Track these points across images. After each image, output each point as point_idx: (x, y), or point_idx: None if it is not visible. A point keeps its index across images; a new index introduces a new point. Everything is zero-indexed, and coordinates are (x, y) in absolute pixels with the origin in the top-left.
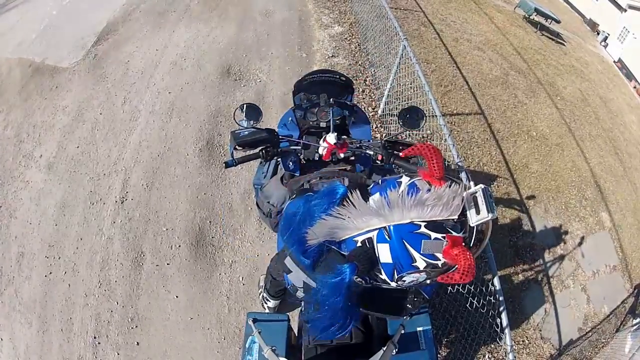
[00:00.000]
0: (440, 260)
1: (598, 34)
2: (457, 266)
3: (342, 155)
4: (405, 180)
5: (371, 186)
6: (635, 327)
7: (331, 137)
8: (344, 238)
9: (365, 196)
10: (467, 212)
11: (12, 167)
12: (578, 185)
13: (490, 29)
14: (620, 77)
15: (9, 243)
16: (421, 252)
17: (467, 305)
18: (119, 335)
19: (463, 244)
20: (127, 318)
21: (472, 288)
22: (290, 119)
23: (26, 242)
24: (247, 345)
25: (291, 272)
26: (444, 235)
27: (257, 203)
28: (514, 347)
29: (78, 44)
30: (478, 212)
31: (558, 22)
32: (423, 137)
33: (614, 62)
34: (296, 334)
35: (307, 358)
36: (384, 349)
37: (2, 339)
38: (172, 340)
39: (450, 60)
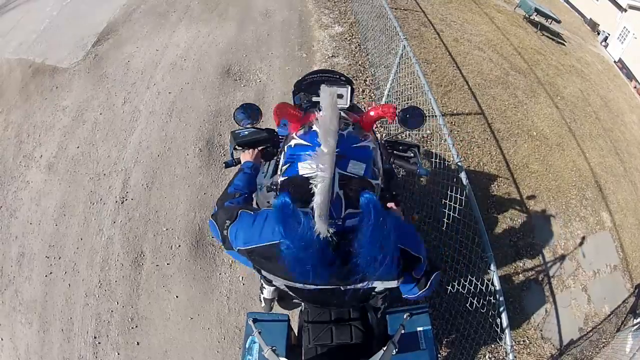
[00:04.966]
0: (369, 135)
1: (598, 34)
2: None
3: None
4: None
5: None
6: (636, 327)
7: None
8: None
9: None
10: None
11: (13, 167)
12: (578, 185)
13: (491, 29)
14: (621, 77)
15: (9, 243)
16: (361, 138)
17: (467, 305)
18: (119, 335)
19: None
20: (128, 318)
21: (472, 288)
22: None
23: (26, 242)
24: (247, 345)
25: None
26: (352, 124)
27: (257, 203)
28: (514, 347)
29: (78, 45)
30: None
31: (558, 22)
32: (423, 137)
33: (615, 62)
34: (296, 334)
35: (307, 358)
36: (384, 349)
37: (2, 339)
38: (172, 340)
39: (450, 60)
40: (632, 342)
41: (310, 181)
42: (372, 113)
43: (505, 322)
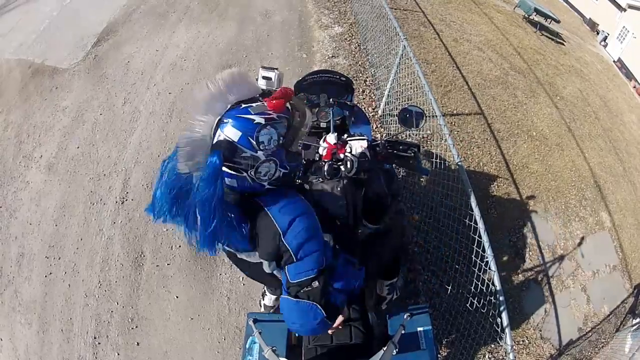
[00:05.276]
0: (272, 114)
1: (598, 33)
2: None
3: (342, 155)
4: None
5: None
6: (635, 327)
7: (331, 137)
8: (202, 155)
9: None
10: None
11: (12, 167)
12: (578, 185)
13: (490, 29)
14: (620, 77)
15: (9, 243)
16: (253, 114)
17: (467, 305)
18: (119, 336)
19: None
20: (128, 318)
21: (472, 288)
22: None
23: (26, 242)
24: (247, 346)
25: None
26: (262, 100)
27: None
28: (514, 347)
29: (78, 45)
30: (270, 79)
31: (558, 21)
32: (423, 137)
33: (614, 61)
34: (296, 335)
35: (307, 358)
36: (385, 349)
37: (2, 339)
38: (172, 341)
39: (450, 60)
40: (631, 342)
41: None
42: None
43: (505, 322)
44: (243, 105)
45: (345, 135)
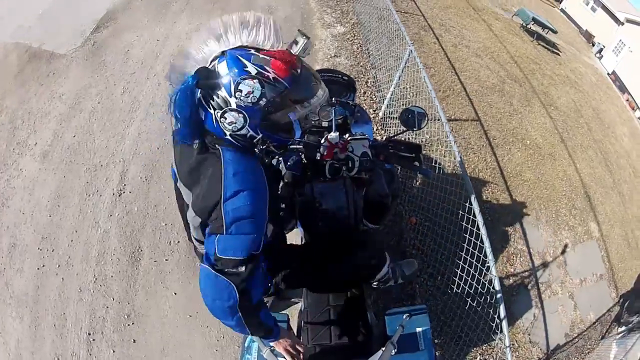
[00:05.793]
0: (270, 72)
1: (593, 45)
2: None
3: (343, 155)
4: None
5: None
6: (620, 335)
7: (333, 137)
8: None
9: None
10: (292, 48)
11: (6, 154)
12: (568, 194)
13: (488, 36)
14: (614, 90)
15: (0, 233)
16: (252, 61)
17: (464, 307)
18: (115, 332)
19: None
20: (124, 315)
21: (471, 291)
22: None
23: (18, 232)
24: (246, 345)
25: None
26: (270, 56)
27: None
28: (511, 346)
29: (77, 31)
30: (296, 44)
31: (555, 32)
32: (421, 141)
33: (608, 74)
34: (295, 334)
35: (306, 358)
36: (383, 349)
37: None
38: (170, 338)
39: (449, 65)
40: (616, 350)
41: None
42: None
43: (505, 324)
44: (252, 51)
45: (347, 135)
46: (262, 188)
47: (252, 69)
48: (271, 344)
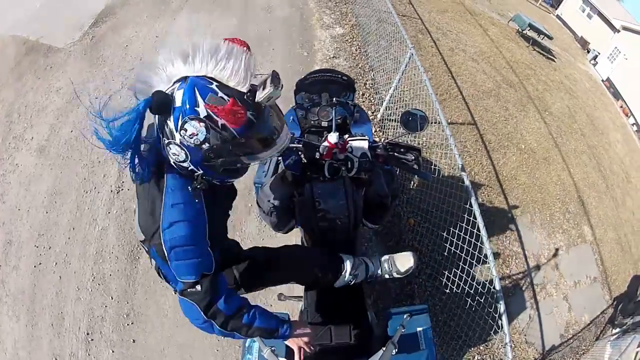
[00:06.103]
0: (219, 119)
1: (588, 52)
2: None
3: (342, 155)
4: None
5: None
6: (614, 337)
7: (332, 137)
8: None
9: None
10: (257, 91)
11: (2, 148)
12: (562, 198)
13: (485, 40)
14: (608, 96)
15: None
16: (206, 101)
17: (464, 307)
18: (114, 332)
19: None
20: (123, 314)
21: (471, 291)
22: (291, 118)
23: (14, 229)
24: (246, 345)
25: None
26: (230, 97)
27: (257, 201)
28: (509, 343)
29: (75, 25)
30: (264, 88)
31: (550, 38)
32: (419, 143)
33: (602, 80)
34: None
35: (306, 358)
36: (384, 349)
37: None
38: (170, 338)
39: (445, 69)
40: (610, 351)
41: None
42: None
43: (505, 324)
44: (213, 85)
45: (347, 135)
46: (199, 217)
47: (202, 110)
48: (286, 342)
